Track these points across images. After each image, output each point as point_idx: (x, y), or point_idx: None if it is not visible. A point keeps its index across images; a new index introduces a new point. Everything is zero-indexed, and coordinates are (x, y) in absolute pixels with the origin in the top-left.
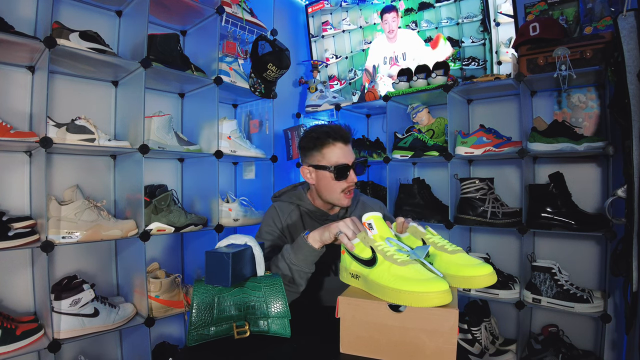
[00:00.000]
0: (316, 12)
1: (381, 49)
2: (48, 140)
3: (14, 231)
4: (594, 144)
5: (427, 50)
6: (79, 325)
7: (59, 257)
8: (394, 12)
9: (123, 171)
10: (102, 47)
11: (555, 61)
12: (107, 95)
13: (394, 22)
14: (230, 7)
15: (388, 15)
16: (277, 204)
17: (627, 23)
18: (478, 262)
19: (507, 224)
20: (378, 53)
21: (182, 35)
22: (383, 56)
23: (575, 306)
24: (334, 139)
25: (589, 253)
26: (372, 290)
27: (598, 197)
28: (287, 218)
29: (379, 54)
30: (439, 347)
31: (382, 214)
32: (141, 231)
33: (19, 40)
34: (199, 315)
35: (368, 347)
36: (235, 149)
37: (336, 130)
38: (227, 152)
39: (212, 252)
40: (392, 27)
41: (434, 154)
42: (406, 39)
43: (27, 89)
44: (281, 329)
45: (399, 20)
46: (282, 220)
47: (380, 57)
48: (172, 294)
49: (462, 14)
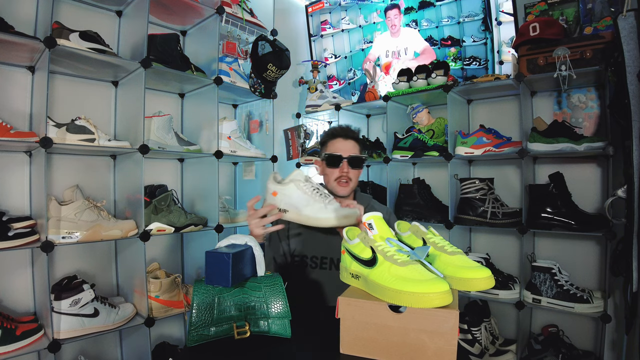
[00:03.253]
0: (316, 12)
1: (385, 42)
2: (48, 141)
3: (14, 231)
4: (594, 144)
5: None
6: (79, 326)
7: (59, 257)
8: (396, 9)
9: (123, 171)
10: (102, 47)
11: (555, 61)
12: (107, 95)
13: (396, 18)
14: (230, 7)
15: (390, 12)
16: None
17: (627, 23)
18: (476, 264)
19: (507, 224)
20: (381, 46)
21: (182, 35)
22: (386, 49)
23: (575, 306)
24: (335, 134)
25: (589, 253)
26: (372, 291)
27: (598, 197)
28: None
29: (382, 47)
30: (440, 348)
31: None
32: (141, 231)
33: (19, 40)
34: (199, 315)
35: (368, 347)
36: (235, 149)
37: (340, 128)
38: (227, 152)
39: (212, 252)
40: (394, 23)
41: (434, 154)
42: (409, 36)
43: (27, 89)
44: (281, 329)
45: (401, 17)
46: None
47: (383, 50)
48: (172, 294)
49: (463, 13)
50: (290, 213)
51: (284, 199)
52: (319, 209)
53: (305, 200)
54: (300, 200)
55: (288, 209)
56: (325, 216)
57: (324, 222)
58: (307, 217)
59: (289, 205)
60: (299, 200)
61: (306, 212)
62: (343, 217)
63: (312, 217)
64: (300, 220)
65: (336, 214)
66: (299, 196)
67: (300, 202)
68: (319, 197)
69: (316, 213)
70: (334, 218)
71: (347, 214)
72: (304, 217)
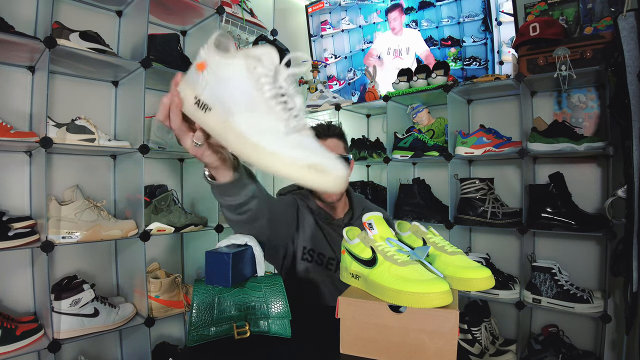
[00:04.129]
0: (316, 12)
1: (386, 40)
2: (48, 140)
3: (14, 231)
4: (594, 144)
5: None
6: (79, 326)
7: (59, 257)
8: (397, 11)
9: (123, 171)
10: (102, 47)
11: (555, 61)
12: (107, 95)
13: (395, 20)
14: (230, 7)
15: (390, 15)
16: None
17: (627, 23)
18: (477, 264)
19: (507, 224)
20: (383, 43)
21: (182, 35)
22: (387, 47)
23: (575, 306)
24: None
25: (589, 253)
26: (372, 291)
27: (598, 197)
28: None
29: (384, 45)
30: (440, 348)
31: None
32: (141, 231)
33: (19, 40)
34: (199, 315)
35: (368, 347)
36: None
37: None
38: None
39: (212, 252)
40: (394, 25)
41: (434, 154)
42: (410, 36)
43: (27, 89)
44: (281, 329)
45: (402, 17)
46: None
47: (385, 48)
48: (172, 294)
49: (463, 13)
50: (212, 115)
51: (212, 84)
52: (270, 129)
53: (250, 101)
54: (240, 96)
55: (211, 106)
56: (278, 150)
57: (270, 160)
58: (240, 136)
59: (216, 98)
60: (239, 96)
61: (241, 124)
62: (312, 165)
63: (248, 139)
64: (224, 139)
65: (299, 154)
66: (242, 87)
67: (239, 101)
68: (280, 107)
69: (261, 135)
70: (293, 161)
71: (321, 162)
72: (234, 133)
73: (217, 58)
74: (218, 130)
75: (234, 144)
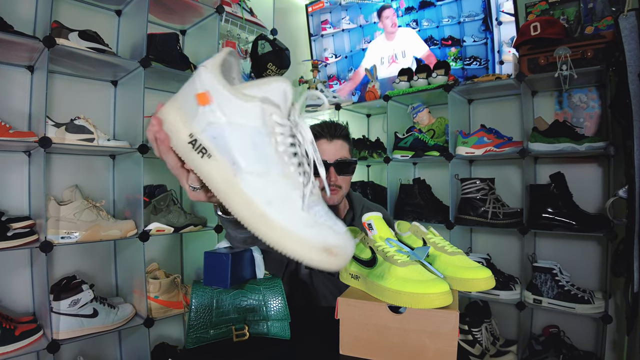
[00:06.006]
0: (316, 11)
1: (379, 49)
2: (47, 140)
3: (13, 231)
4: (595, 144)
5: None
6: (78, 326)
7: (58, 257)
8: (387, 10)
9: (122, 171)
10: (101, 46)
11: (556, 61)
12: (107, 95)
13: (387, 19)
14: (230, 7)
15: (384, 13)
16: None
17: (628, 23)
18: (477, 265)
19: (508, 224)
20: (375, 54)
21: (181, 35)
22: (380, 57)
23: (576, 307)
24: (318, 135)
25: (590, 253)
26: (372, 291)
27: (599, 197)
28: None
29: (377, 55)
30: (440, 349)
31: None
32: (140, 231)
33: (18, 40)
34: (197, 317)
35: (368, 348)
36: None
37: (325, 126)
38: None
39: (211, 252)
40: (386, 25)
41: (435, 154)
42: (406, 36)
43: (26, 89)
44: (281, 331)
45: (394, 17)
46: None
47: (378, 58)
48: (171, 295)
49: (463, 13)
50: (213, 166)
51: (218, 127)
52: (284, 199)
53: (264, 159)
54: (252, 150)
55: (213, 153)
56: (291, 228)
57: (278, 235)
58: (247, 201)
59: (222, 145)
60: (251, 151)
61: (250, 186)
62: (327, 249)
63: (258, 207)
64: (226, 197)
65: (314, 234)
66: (255, 140)
67: (250, 156)
68: (293, 169)
69: (272, 205)
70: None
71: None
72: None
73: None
74: (220, 186)
75: (238, 207)
